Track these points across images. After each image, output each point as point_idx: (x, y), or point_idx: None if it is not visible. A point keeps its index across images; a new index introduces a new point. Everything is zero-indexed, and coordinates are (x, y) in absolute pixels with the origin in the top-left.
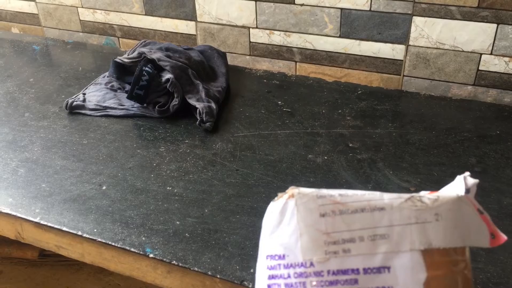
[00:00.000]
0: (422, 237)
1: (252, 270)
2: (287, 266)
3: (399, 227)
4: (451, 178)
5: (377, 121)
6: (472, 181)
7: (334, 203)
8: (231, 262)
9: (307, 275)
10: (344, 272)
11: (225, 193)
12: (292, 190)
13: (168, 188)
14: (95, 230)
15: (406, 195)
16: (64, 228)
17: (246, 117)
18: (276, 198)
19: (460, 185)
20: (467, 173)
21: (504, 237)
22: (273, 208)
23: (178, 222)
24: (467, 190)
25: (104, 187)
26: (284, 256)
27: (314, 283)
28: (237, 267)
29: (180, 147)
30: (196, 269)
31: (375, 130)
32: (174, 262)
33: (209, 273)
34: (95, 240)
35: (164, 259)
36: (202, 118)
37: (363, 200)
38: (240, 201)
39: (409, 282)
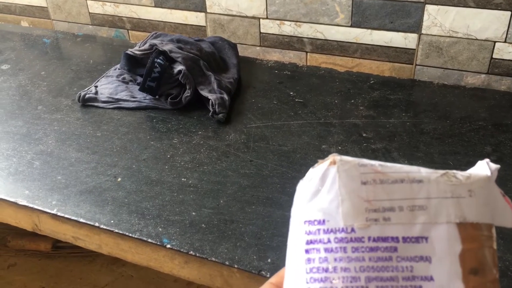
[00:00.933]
0: (457, 211)
1: (269, 260)
2: (327, 231)
3: (436, 199)
4: (467, 167)
5: (390, 110)
6: (494, 166)
7: (375, 172)
8: (248, 252)
9: (347, 240)
10: (384, 239)
11: (239, 184)
12: (334, 157)
13: (183, 179)
14: (112, 221)
15: (441, 171)
16: (81, 220)
17: (258, 108)
18: (316, 164)
19: (484, 168)
20: (487, 159)
21: None
22: (313, 175)
23: (194, 213)
24: (491, 174)
25: (119, 179)
26: (324, 221)
27: (354, 248)
28: (254, 257)
29: (193, 138)
30: (213, 259)
31: (389, 120)
32: (191, 252)
33: (227, 263)
34: (112, 231)
35: (181, 250)
36: (215, 110)
37: (402, 172)
38: (255, 192)
39: (446, 253)
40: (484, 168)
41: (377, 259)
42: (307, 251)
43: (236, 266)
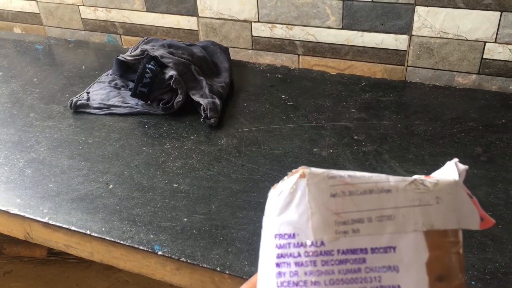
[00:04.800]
0: (424, 219)
1: None
2: (297, 245)
3: (404, 208)
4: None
5: (381, 112)
6: (462, 167)
7: (344, 183)
8: (239, 257)
9: (317, 254)
10: (353, 251)
11: (231, 189)
12: (303, 169)
13: (174, 185)
14: (103, 229)
15: (409, 178)
16: (73, 228)
17: (250, 112)
18: (285, 177)
19: (452, 171)
20: (456, 159)
21: (492, 221)
22: (283, 188)
23: (185, 219)
24: (459, 176)
25: (111, 186)
26: (294, 235)
27: (324, 261)
28: (246, 263)
29: (185, 143)
30: (205, 265)
31: (380, 122)
32: (182, 259)
33: (218, 269)
34: (103, 238)
35: (173, 256)
36: (207, 114)
37: (371, 182)
38: (246, 197)
39: (413, 261)
40: (452, 170)
41: (346, 271)
42: (277, 265)
43: (227, 272)
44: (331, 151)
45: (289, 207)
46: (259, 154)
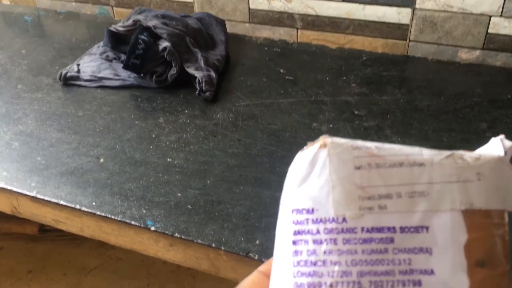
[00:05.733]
0: (463, 197)
1: (257, 242)
2: (316, 221)
3: (439, 184)
4: (462, 144)
5: (383, 87)
6: (509, 143)
7: (370, 155)
8: (235, 233)
9: (338, 231)
10: (380, 230)
11: (227, 164)
12: (324, 139)
13: (168, 159)
14: (94, 204)
15: (446, 152)
16: (62, 202)
17: (247, 86)
18: (305, 147)
19: (497, 147)
20: (502, 136)
21: None
22: (302, 158)
23: (179, 194)
24: (505, 152)
25: (101, 160)
26: (313, 210)
27: (345, 240)
28: (242, 239)
29: (179, 117)
30: (199, 241)
31: (382, 97)
32: (176, 234)
33: (213, 245)
34: (94, 213)
35: (166, 232)
36: (202, 88)
37: (401, 154)
38: (243, 172)
39: (449, 244)
40: (497, 146)
41: (371, 252)
42: (294, 243)
43: (223, 248)
44: (331, 126)
45: (308, 179)
46: (256, 128)
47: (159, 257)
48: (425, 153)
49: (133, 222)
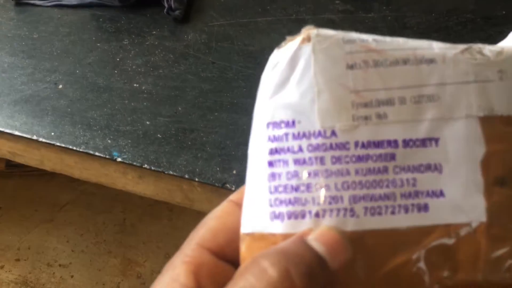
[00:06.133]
0: (481, 100)
1: (234, 172)
2: (297, 136)
3: (452, 86)
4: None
5: (369, 4)
6: None
7: (367, 50)
8: (210, 163)
9: (326, 147)
10: (378, 144)
11: (200, 89)
12: (308, 30)
13: (135, 85)
14: (53, 134)
15: (462, 45)
16: (17, 133)
17: (221, 4)
18: (283, 43)
19: None
20: None
21: None
22: (279, 58)
23: (148, 122)
24: None
25: (60, 86)
26: (294, 122)
27: (335, 158)
28: (218, 169)
29: (146, 39)
30: (171, 172)
31: (368, 15)
32: (145, 166)
33: (186, 176)
34: (53, 144)
35: (134, 163)
36: (171, 5)
37: (406, 49)
38: (218, 97)
39: (463, 159)
40: None
41: (367, 172)
42: (270, 164)
43: (197, 179)
44: None
45: (288, 84)
46: (231, 50)
47: (129, 191)
48: (435, 47)
49: (97, 153)
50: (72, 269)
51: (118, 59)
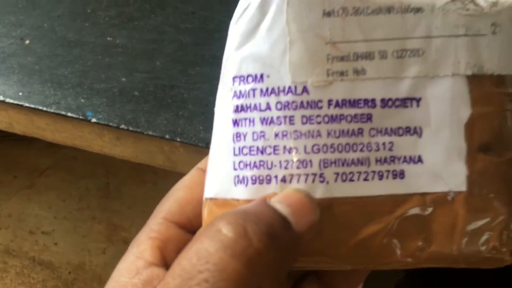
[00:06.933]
0: (471, 56)
1: None
2: (265, 92)
3: (439, 39)
4: None
5: None
6: None
7: None
8: (192, 122)
9: (296, 105)
10: (354, 103)
11: (180, 42)
12: None
13: (108, 38)
14: (21, 94)
15: None
16: None
17: None
18: None
19: None
20: None
21: None
22: (248, 3)
23: (124, 79)
24: None
25: (27, 41)
26: (262, 76)
27: (306, 118)
28: (201, 128)
29: None
30: (150, 133)
31: None
32: (122, 126)
33: (167, 136)
34: (22, 105)
35: (110, 124)
36: None
37: None
38: (199, 50)
39: (446, 121)
40: None
41: (340, 134)
42: (235, 123)
43: (178, 139)
44: None
45: (257, 33)
46: None
47: (106, 153)
48: None
49: (69, 114)
50: (56, 236)
51: (89, 11)
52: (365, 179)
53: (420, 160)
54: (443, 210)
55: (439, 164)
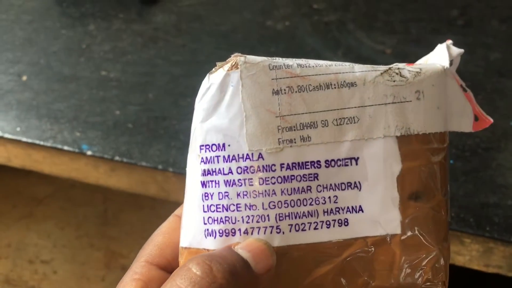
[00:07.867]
0: (399, 120)
1: None
2: (227, 159)
3: (372, 108)
4: (431, 34)
5: None
6: (456, 51)
7: (292, 76)
8: (184, 152)
9: (254, 170)
10: (302, 165)
11: (171, 74)
12: (236, 58)
13: (102, 72)
14: (19, 129)
15: (382, 67)
16: None
17: None
18: (214, 69)
19: (442, 55)
20: (449, 41)
21: (489, 120)
22: (210, 84)
23: (118, 112)
24: (451, 62)
25: (24, 78)
26: (224, 145)
27: (262, 179)
28: None
29: (113, 23)
30: (143, 163)
31: None
32: (117, 158)
33: (160, 167)
34: (19, 140)
35: (105, 156)
36: None
37: (329, 73)
38: (189, 82)
39: (381, 176)
40: (442, 54)
41: (292, 191)
42: (203, 184)
43: (171, 169)
44: (287, 23)
45: (218, 109)
46: (202, 31)
47: (102, 185)
48: (357, 69)
49: (66, 147)
50: (55, 265)
51: (84, 46)
52: (315, 228)
53: (361, 209)
54: (383, 250)
55: (377, 212)
